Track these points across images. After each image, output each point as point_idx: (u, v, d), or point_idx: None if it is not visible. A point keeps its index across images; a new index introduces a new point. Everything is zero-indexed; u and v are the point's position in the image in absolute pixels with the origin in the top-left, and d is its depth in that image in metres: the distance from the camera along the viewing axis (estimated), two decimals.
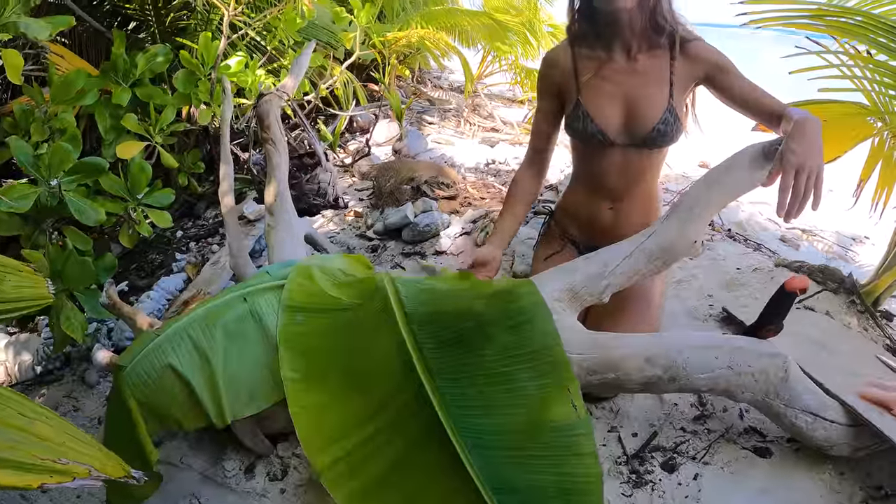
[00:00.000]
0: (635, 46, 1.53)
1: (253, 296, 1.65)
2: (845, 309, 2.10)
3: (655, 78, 1.54)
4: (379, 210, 2.86)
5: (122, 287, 2.94)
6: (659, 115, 1.51)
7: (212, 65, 2.94)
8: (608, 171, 1.64)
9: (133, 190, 2.59)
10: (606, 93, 1.57)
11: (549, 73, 1.68)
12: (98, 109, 2.90)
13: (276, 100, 2.19)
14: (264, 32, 3.42)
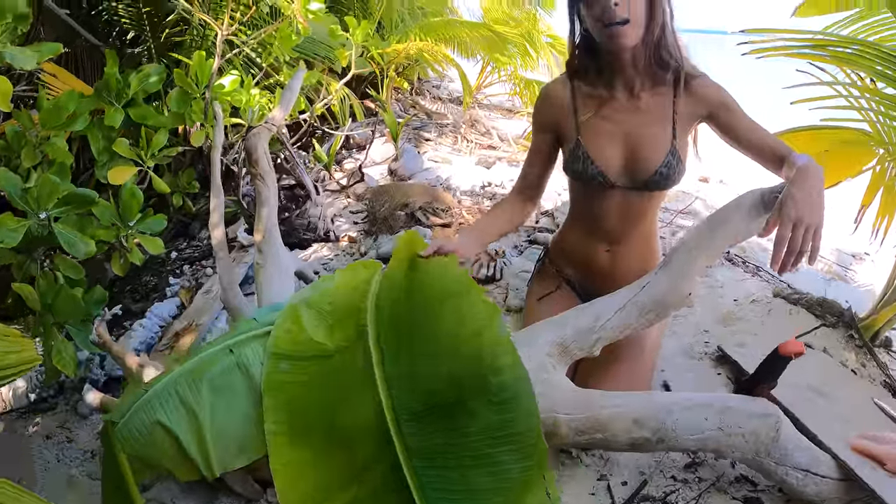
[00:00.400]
0: (638, 84, 1.45)
1: (239, 346, 1.61)
2: (843, 344, 2.06)
3: (658, 117, 1.46)
4: (373, 237, 2.82)
5: (116, 311, 2.90)
6: (662, 157, 1.44)
7: (206, 84, 2.91)
8: (607, 213, 1.58)
9: (124, 217, 2.57)
10: (607, 133, 1.49)
11: (547, 110, 1.60)
12: (91, 131, 2.86)
13: (264, 133, 2.14)
14: (259, 49, 3.38)
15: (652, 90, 1.46)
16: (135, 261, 2.60)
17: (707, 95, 1.44)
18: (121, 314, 2.90)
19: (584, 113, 1.51)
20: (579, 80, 1.53)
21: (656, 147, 1.45)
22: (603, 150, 1.48)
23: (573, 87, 1.53)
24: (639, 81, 1.44)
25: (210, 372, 1.54)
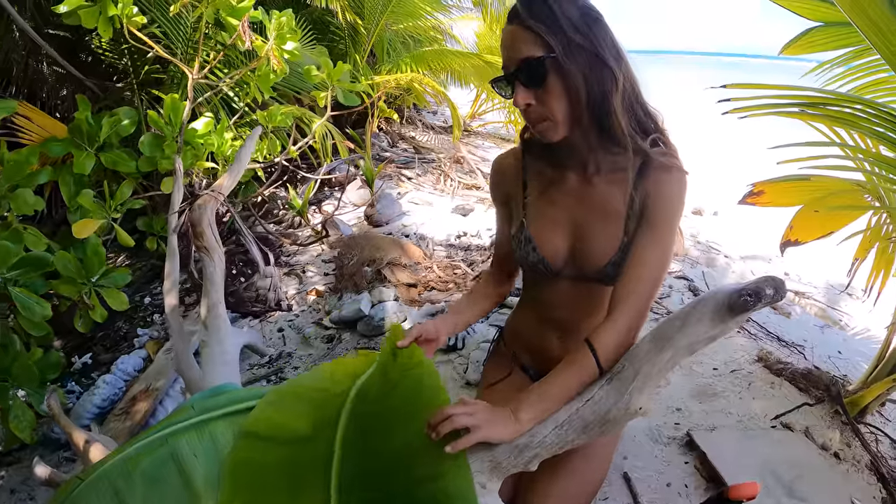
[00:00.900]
0: (592, 166, 1.25)
1: (174, 437, 1.51)
2: (828, 421, 1.91)
3: (611, 208, 1.25)
4: (338, 295, 2.72)
5: (86, 359, 2.83)
6: (611, 253, 1.27)
7: (179, 126, 2.82)
8: (555, 301, 1.42)
9: (87, 273, 2.50)
10: (553, 218, 1.30)
11: (498, 183, 1.43)
12: (62, 177, 2.79)
13: (210, 203, 2.01)
14: (237, 89, 3.29)
15: (609, 174, 1.25)
16: (96, 318, 2.52)
17: (650, 188, 1.20)
18: (90, 363, 2.83)
19: (532, 192, 1.34)
20: (531, 154, 1.36)
21: (605, 243, 1.27)
22: (548, 237, 1.31)
23: (524, 162, 1.37)
24: (592, 163, 1.25)
25: (144, 462, 1.44)
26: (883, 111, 1.61)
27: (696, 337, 1.17)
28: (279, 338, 2.69)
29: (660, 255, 1.19)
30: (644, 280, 1.18)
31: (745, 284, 1.12)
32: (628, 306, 1.16)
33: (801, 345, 2.72)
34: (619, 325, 1.14)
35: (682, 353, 1.20)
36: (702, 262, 3.75)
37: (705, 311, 1.16)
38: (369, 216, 3.69)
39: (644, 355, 1.19)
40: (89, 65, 3.74)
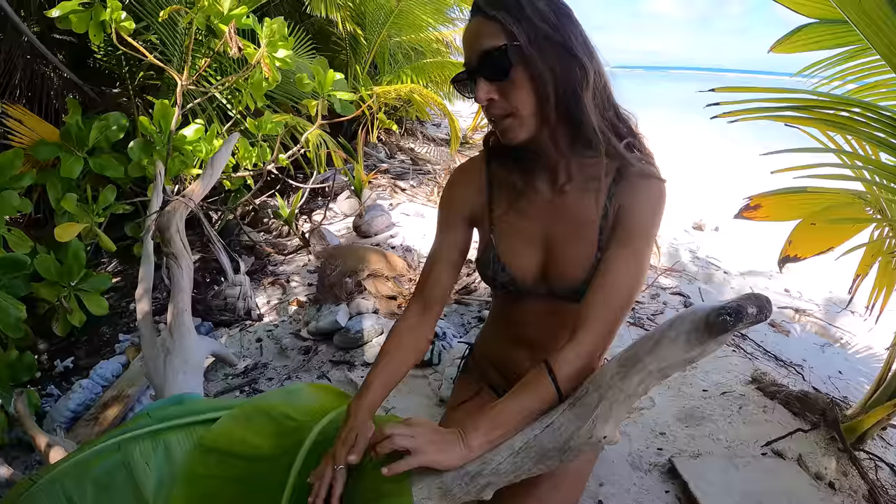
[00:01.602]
0: (563, 174, 1.11)
1: (128, 444, 1.43)
2: (823, 448, 1.76)
3: (584, 221, 1.11)
4: (317, 306, 2.61)
5: (67, 363, 2.75)
6: (584, 272, 1.11)
7: (168, 133, 2.75)
8: (526, 320, 1.29)
9: (67, 276, 2.42)
10: (523, 234, 1.16)
11: (457, 197, 1.24)
12: (50, 180, 2.73)
13: (180, 209, 1.92)
14: (230, 97, 3.22)
15: (581, 182, 1.11)
16: (74, 322, 2.44)
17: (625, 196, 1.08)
18: (71, 367, 2.75)
19: (499, 206, 1.19)
20: (498, 162, 1.21)
21: (579, 257, 1.12)
22: (518, 255, 1.16)
23: (489, 173, 1.22)
24: (564, 170, 1.11)
25: (96, 468, 1.38)
26: (884, 115, 1.46)
27: (670, 360, 1.03)
28: (257, 347, 2.59)
29: (633, 271, 1.06)
30: (614, 298, 1.05)
31: (726, 302, 0.98)
32: (594, 327, 1.03)
33: (800, 364, 2.58)
34: (582, 348, 1.02)
35: (654, 377, 1.07)
36: (700, 278, 3.61)
37: (680, 332, 1.02)
38: (358, 227, 3.59)
39: (610, 380, 1.06)
40: (95, 70, 3.68)
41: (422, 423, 1.01)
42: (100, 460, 1.40)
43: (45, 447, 1.83)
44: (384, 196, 4.35)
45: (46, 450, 1.81)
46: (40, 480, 1.36)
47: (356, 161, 3.85)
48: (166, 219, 1.87)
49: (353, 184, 3.49)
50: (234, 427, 1.42)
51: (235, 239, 3.43)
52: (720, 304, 0.98)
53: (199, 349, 1.81)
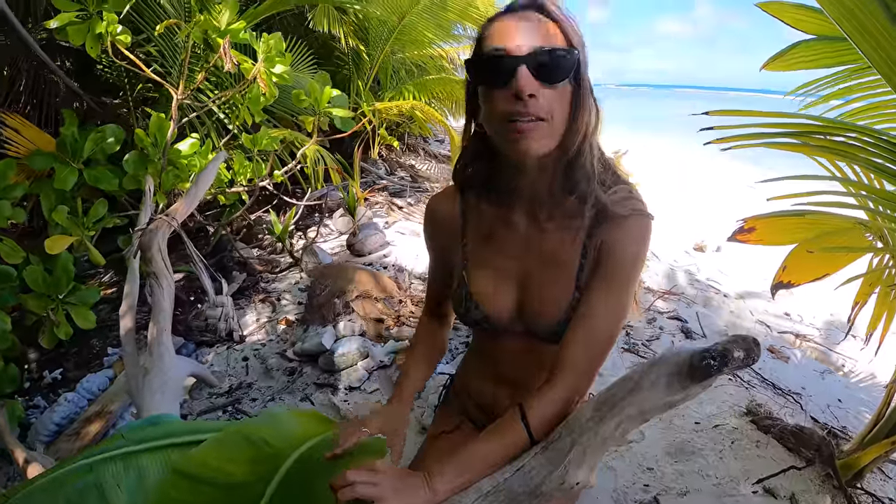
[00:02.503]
0: (545, 210, 1.05)
1: (101, 465, 1.38)
2: (818, 486, 1.68)
3: (563, 259, 1.05)
4: (304, 327, 2.55)
5: (55, 374, 2.71)
6: (562, 312, 1.04)
7: (164, 146, 2.71)
8: (504, 358, 1.22)
9: (55, 289, 2.38)
10: (498, 271, 1.11)
11: (433, 229, 1.22)
12: (44, 191, 2.69)
13: (163, 228, 1.87)
14: (227, 111, 3.18)
15: (561, 220, 1.05)
16: (61, 336, 2.39)
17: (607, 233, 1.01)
18: (60, 379, 2.71)
19: (472, 240, 1.13)
20: (473, 194, 1.13)
21: (556, 296, 1.05)
22: (492, 293, 1.09)
23: (463, 204, 1.14)
24: (546, 206, 1.04)
25: (68, 488, 1.34)
26: (883, 140, 1.38)
27: (650, 404, 0.96)
28: (243, 367, 2.53)
29: (614, 313, 1.00)
30: (593, 341, 0.98)
31: (711, 345, 0.91)
32: (572, 370, 0.97)
33: (799, 393, 2.49)
34: (558, 394, 0.96)
35: (632, 421, 0.99)
36: (698, 302, 3.52)
37: (661, 375, 0.95)
38: (351, 245, 3.52)
39: (585, 423, 0.99)
40: (99, 79, 3.66)
41: (386, 469, 0.95)
42: (73, 479, 1.36)
43: (22, 462, 1.81)
44: (380, 214, 4.30)
45: (24, 465, 1.80)
46: (14, 496, 1.33)
47: (351, 177, 3.80)
48: (148, 238, 1.83)
49: (347, 201, 3.43)
50: (210, 453, 1.36)
51: (228, 254, 3.38)
52: (704, 348, 0.91)
53: (178, 370, 1.76)
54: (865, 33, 1.32)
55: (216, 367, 2.54)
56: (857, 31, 1.34)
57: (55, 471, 1.37)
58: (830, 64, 2.00)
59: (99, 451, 1.43)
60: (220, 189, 2.99)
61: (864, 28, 1.31)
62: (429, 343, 1.34)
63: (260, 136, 2.92)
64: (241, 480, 1.27)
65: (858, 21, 1.31)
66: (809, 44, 2.03)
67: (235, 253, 3.33)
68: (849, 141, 1.54)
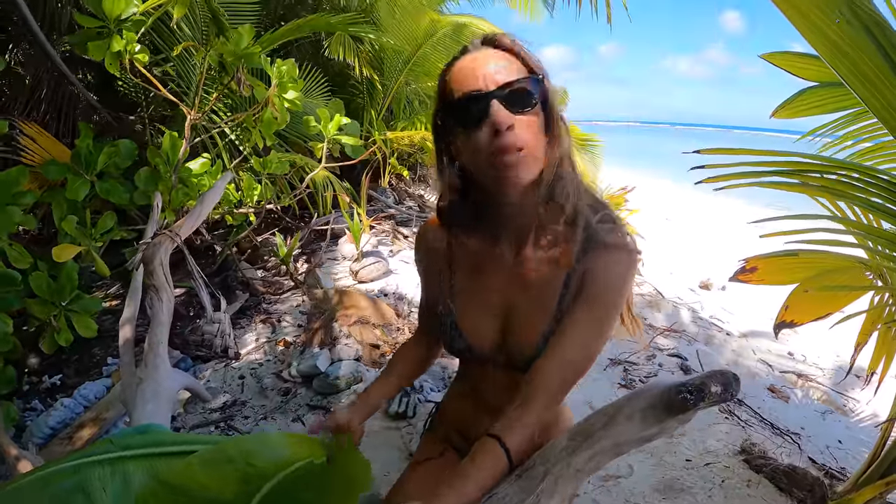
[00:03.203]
0: (528, 243, 1.05)
1: (87, 468, 1.37)
2: None
3: (546, 288, 1.04)
4: (301, 349, 2.55)
5: (55, 380, 2.70)
6: (541, 341, 1.03)
7: (175, 164, 2.75)
8: (488, 388, 1.19)
9: (60, 296, 2.40)
10: (482, 302, 1.11)
11: (422, 256, 1.23)
12: (56, 200, 2.73)
13: (166, 243, 1.89)
14: (239, 133, 3.23)
15: (546, 252, 1.04)
16: (60, 342, 2.41)
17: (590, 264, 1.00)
18: (59, 384, 2.71)
19: (458, 270, 1.13)
20: (458, 226, 1.13)
21: (537, 326, 1.05)
22: (476, 323, 1.10)
23: (451, 235, 1.14)
24: (530, 238, 1.04)
25: (55, 486, 1.32)
26: (882, 179, 1.34)
27: (624, 437, 0.94)
28: (238, 384, 2.52)
29: (590, 339, 0.99)
30: (566, 364, 0.97)
31: (688, 379, 0.89)
32: (545, 393, 0.96)
33: (798, 433, 2.42)
34: (531, 417, 0.95)
35: (606, 454, 0.97)
36: (700, 339, 3.47)
37: (636, 409, 0.93)
38: (354, 271, 3.53)
39: (558, 454, 0.96)
40: (118, 94, 3.73)
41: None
42: (59, 479, 1.35)
43: (13, 459, 1.80)
44: (385, 241, 4.29)
45: (15, 462, 1.76)
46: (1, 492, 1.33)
47: (358, 205, 3.82)
48: (151, 251, 1.84)
49: (351, 228, 3.44)
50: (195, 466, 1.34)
51: (233, 274, 3.39)
52: (681, 381, 0.89)
53: (172, 382, 1.75)
54: (861, 77, 1.31)
55: (213, 382, 2.52)
56: (854, 75, 1.33)
57: (42, 470, 1.36)
58: (833, 109, 2.00)
59: (86, 455, 1.42)
60: (229, 209, 3.02)
61: (859, 71, 1.30)
62: (407, 357, 1.36)
63: (269, 159, 2.96)
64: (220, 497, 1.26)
65: (854, 65, 1.30)
66: (815, 90, 2.03)
67: (240, 273, 3.34)
68: (843, 179, 1.51)
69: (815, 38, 1.29)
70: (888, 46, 1.25)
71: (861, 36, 1.27)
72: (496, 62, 0.92)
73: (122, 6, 2.43)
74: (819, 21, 1.25)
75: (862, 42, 1.26)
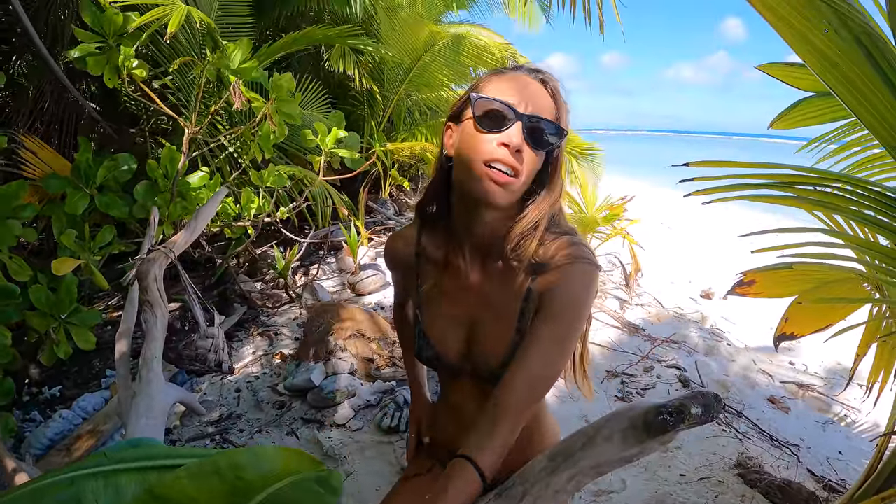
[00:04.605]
0: (493, 256, 1.08)
1: (81, 480, 1.37)
2: None
3: (508, 303, 1.06)
4: (297, 363, 2.54)
5: (54, 391, 2.72)
6: (504, 353, 1.05)
7: (173, 178, 2.76)
8: (462, 401, 1.19)
9: (59, 308, 2.41)
10: (448, 311, 1.13)
11: (392, 265, 1.26)
12: (56, 213, 2.75)
13: (160, 259, 1.91)
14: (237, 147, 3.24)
15: (510, 265, 1.06)
16: (60, 354, 2.41)
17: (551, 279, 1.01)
18: (58, 396, 2.73)
19: (427, 280, 1.16)
20: (429, 236, 1.16)
21: (499, 340, 1.05)
22: (442, 331, 1.12)
23: (420, 244, 1.17)
24: (494, 252, 1.06)
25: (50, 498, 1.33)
26: (874, 191, 1.33)
27: (604, 458, 0.93)
28: (234, 398, 2.52)
29: (553, 356, 0.99)
30: (530, 382, 0.97)
31: (668, 401, 0.89)
32: (514, 412, 0.96)
33: (797, 444, 2.40)
34: (501, 438, 0.95)
35: (586, 475, 0.96)
36: (700, 350, 3.44)
37: (615, 430, 0.92)
38: (352, 284, 3.54)
39: (538, 474, 0.96)
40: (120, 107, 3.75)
41: None
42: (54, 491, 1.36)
43: (10, 471, 1.81)
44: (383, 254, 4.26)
45: (12, 474, 1.76)
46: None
47: (357, 217, 3.82)
48: (146, 267, 1.86)
49: (348, 241, 3.44)
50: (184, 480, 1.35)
51: (231, 287, 3.40)
52: (661, 403, 0.88)
53: (166, 396, 1.77)
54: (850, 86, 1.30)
55: (209, 396, 2.53)
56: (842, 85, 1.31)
57: (38, 482, 1.37)
58: (829, 119, 1.99)
59: (81, 467, 1.43)
60: (227, 222, 3.03)
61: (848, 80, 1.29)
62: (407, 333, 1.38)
63: (267, 172, 2.97)
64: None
65: (843, 74, 1.29)
66: (812, 101, 2.02)
67: (238, 286, 3.35)
68: (836, 192, 1.49)
69: (800, 48, 1.28)
70: (879, 57, 1.24)
71: (851, 47, 1.25)
72: (539, 97, 0.97)
73: (120, 21, 2.46)
74: (805, 30, 1.24)
75: (852, 53, 1.25)
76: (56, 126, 3.51)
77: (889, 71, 1.24)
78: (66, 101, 3.49)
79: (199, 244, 3.20)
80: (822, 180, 1.54)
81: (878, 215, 1.42)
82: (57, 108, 3.50)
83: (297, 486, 1.30)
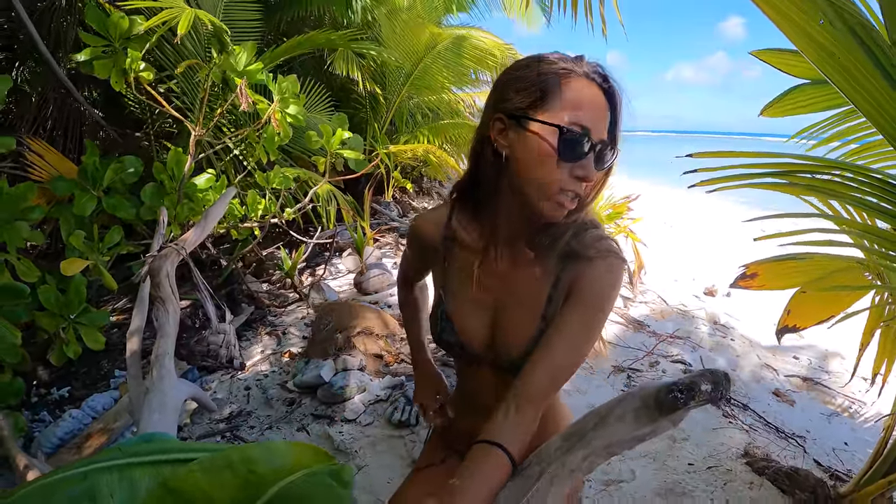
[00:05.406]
0: (522, 246, 1.08)
1: (95, 474, 1.38)
2: None
3: (533, 293, 1.07)
4: (306, 360, 2.57)
5: (63, 391, 2.73)
6: (528, 343, 1.06)
7: (180, 180, 2.78)
8: (482, 389, 1.20)
9: (68, 309, 2.43)
10: (474, 299, 1.12)
11: (417, 247, 1.25)
12: (64, 215, 2.77)
13: (172, 255, 1.92)
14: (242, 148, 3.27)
15: (538, 255, 1.07)
16: (70, 354, 2.43)
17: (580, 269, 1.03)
18: (67, 396, 2.73)
19: (454, 265, 1.15)
20: (460, 217, 1.14)
21: (523, 329, 1.07)
22: (467, 318, 1.12)
23: (449, 229, 1.15)
24: (525, 243, 1.07)
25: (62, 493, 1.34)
26: (874, 178, 1.33)
27: (617, 437, 0.95)
28: (244, 395, 2.54)
29: (576, 345, 1.00)
30: (553, 370, 0.98)
31: (679, 379, 0.91)
32: (536, 397, 0.97)
33: (803, 436, 2.41)
34: (524, 427, 0.98)
35: (599, 454, 0.98)
36: (704, 346, 3.46)
37: (628, 409, 0.94)
38: (358, 283, 3.57)
39: (553, 453, 0.97)
40: (125, 110, 3.78)
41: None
42: (67, 486, 1.37)
43: (22, 468, 1.82)
44: (389, 254, 4.31)
45: (24, 471, 1.78)
46: (9, 498, 1.34)
47: (362, 218, 3.85)
48: (157, 264, 1.87)
49: (355, 241, 3.47)
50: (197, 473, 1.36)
51: (238, 287, 3.43)
52: (672, 381, 0.90)
53: (178, 392, 1.77)
54: (846, 74, 1.31)
55: (219, 393, 2.54)
56: (838, 72, 1.33)
57: (51, 476, 1.38)
58: (823, 108, 1.98)
59: (95, 461, 1.44)
60: (234, 224, 3.05)
61: (843, 68, 1.31)
62: (412, 304, 1.46)
63: (273, 174, 2.99)
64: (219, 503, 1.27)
65: (838, 62, 1.30)
66: (803, 89, 2.01)
67: (245, 286, 3.37)
68: (836, 179, 1.51)
69: (799, 40, 1.29)
70: (873, 46, 1.26)
71: (847, 37, 1.27)
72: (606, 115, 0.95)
73: (126, 24, 2.48)
74: (802, 22, 1.26)
75: (847, 43, 1.26)
76: (59, 132, 3.53)
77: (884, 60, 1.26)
78: (69, 107, 3.51)
79: (205, 245, 3.23)
80: (821, 168, 1.56)
81: (879, 201, 1.44)
82: (60, 114, 3.53)
83: (308, 480, 1.32)
